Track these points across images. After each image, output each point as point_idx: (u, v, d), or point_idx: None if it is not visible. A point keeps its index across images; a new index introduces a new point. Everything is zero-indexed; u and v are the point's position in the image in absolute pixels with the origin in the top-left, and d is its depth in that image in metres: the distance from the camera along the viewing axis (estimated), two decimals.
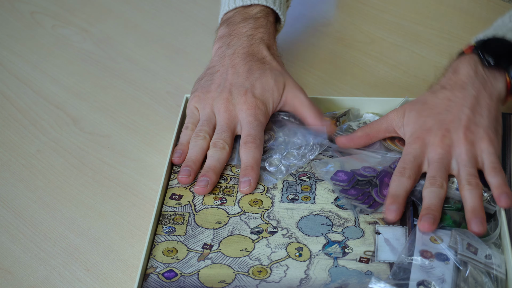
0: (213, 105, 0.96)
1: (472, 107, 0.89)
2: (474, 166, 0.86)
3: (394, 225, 0.85)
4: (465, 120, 0.88)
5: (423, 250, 0.80)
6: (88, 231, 0.93)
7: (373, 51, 1.17)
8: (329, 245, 0.83)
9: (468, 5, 1.24)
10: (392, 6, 1.26)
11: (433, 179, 0.85)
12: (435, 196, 0.84)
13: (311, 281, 0.80)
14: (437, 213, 0.82)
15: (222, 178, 0.92)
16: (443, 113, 0.90)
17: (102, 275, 0.88)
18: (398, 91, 1.09)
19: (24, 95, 1.13)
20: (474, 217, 0.82)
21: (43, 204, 0.97)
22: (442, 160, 0.86)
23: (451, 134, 0.88)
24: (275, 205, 0.88)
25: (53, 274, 0.89)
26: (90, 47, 1.22)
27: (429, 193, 0.84)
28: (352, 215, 0.87)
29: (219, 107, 0.96)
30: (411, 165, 0.87)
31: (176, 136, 0.96)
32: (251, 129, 0.94)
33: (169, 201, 0.89)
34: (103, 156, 1.03)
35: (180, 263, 0.83)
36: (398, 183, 0.86)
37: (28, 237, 0.93)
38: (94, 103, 1.11)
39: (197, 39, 1.22)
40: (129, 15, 1.28)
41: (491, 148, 0.87)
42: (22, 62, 1.19)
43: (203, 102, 0.97)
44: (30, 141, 1.06)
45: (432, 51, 1.16)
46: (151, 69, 1.17)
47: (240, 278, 0.81)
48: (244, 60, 0.98)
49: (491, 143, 0.87)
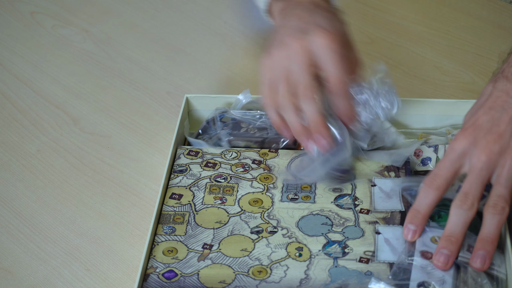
0: (286, 53, 0.88)
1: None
2: (510, 186, 0.79)
3: (394, 224, 0.85)
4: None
5: (424, 250, 0.80)
6: (88, 231, 0.93)
7: (373, 51, 1.17)
8: (329, 245, 0.83)
9: (468, 5, 1.24)
10: (392, 6, 1.26)
11: (465, 198, 0.79)
12: (460, 222, 0.79)
13: (311, 281, 0.80)
14: (456, 247, 0.79)
15: (222, 178, 0.92)
16: (498, 110, 0.82)
17: (102, 275, 0.88)
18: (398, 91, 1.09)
19: (24, 95, 1.13)
20: (481, 248, 0.78)
21: (43, 204, 0.97)
22: (482, 171, 0.80)
23: (503, 140, 0.80)
24: (275, 205, 0.88)
25: (53, 274, 0.89)
26: (90, 47, 1.22)
27: (455, 215, 0.79)
28: (352, 214, 0.86)
29: (291, 48, 0.87)
30: (446, 172, 0.81)
31: (176, 136, 0.96)
32: (336, 70, 0.86)
33: (169, 201, 0.89)
34: (103, 156, 1.03)
35: (180, 263, 0.83)
36: (425, 196, 0.81)
37: (28, 237, 0.93)
38: (94, 103, 1.11)
39: (197, 39, 1.22)
40: (129, 15, 1.28)
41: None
42: (22, 62, 1.19)
43: (270, 58, 0.89)
44: (30, 141, 1.06)
45: (432, 51, 1.16)
46: (151, 69, 1.17)
47: (240, 278, 0.81)
48: (314, 10, 0.90)
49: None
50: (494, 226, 0.79)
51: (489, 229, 0.79)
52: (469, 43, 1.17)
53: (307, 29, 0.88)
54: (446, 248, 0.78)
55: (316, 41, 0.87)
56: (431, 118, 0.99)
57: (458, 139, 0.82)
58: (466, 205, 0.79)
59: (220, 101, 1.01)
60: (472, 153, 0.81)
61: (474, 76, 1.11)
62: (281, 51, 0.89)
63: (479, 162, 0.80)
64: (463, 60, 1.14)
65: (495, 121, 0.81)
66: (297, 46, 0.87)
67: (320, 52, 0.87)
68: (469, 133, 0.81)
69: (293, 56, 0.88)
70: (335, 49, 0.87)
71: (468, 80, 1.11)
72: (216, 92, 1.11)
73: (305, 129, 0.89)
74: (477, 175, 0.80)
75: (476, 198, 0.79)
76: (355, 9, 1.26)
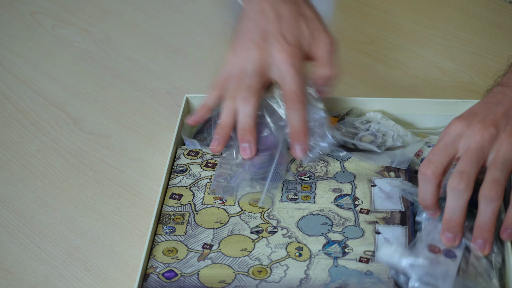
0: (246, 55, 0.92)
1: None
2: (506, 171, 0.78)
3: (394, 224, 0.85)
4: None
5: (432, 244, 0.80)
6: (88, 231, 0.93)
7: (373, 51, 1.17)
8: (329, 245, 0.83)
9: (468, 5, 1.24)
10: (392, 6, 1.26)
11: (460, 176, 0.77)
12: (457, 204, 0.78)
13: (311, 281, 0.80)
14: (457, 228, 0.78)
15: (222, 178, 0.92)
16: (494, 103, 0.82)
17: (102, 275, 0.88)
18: (398, 91, 1.09)
19: (24, 95, 1.13)
20: (479, 237, 0.78)
21: (43, 204, 0.97)
22: (477, 151, 0.78)
23: (498, 126, 0.79)
24: (275, 205, 0.88)
25: (53, 274, 0.89)
26: (90, 47, 1.22)
27: (452, 199, 0.78)
28: (352, 214, 0.87)
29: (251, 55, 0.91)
30: (441, 156, 0.79)
31: (176, 136, 0.96)
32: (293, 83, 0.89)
33: (169, 201, 0.89)
34: (103, 156, 1.03)
35: (180, 263, 0.83)
36: (424, 187, 0.80)
37: (28, 237, 0.93)
38: (94, 103, 1.11)
39: (197, 39, 1.22)
40: (129, 15, 1.28)
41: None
42: (22, 62, 1.19)
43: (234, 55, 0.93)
44: (30, 141, 1.06)
45: (432, 51, 1.16)
46: (151, 69, 1.17)
47: (240, 278, 0.81)
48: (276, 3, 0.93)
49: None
50: (490, 213, 0.77)
51: (485, 217, 0.78)
52: (469, 43, 1.17)
53: (268, 38, 0.91)
54: (449, 231, 0.79)
55: (274, 55, 0.91)
56: (431, 118, 0.99)
57: (453, 124, 0.81)
58: (462, 185, 0.77)
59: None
60: (467, 135, 0.79)
61: (474, 76, 1.11)
62: (243, 52, 0.93)
63: (474, 142, 0.79)
64: (463, 60, 1.14)
65: (491, 110, 0.81)
66: (256, 53, 0.92)
67: (277, 65, 0.91)
68: (464, 119, 0.81)
69: (251, 59, 0.92)
70: (292, 63, 0.90)
71: (468, 80, 1.11)
72: None
73: (226, 129, 0.92)
74: (472, 154, 0.78)
75: (471, 177, 0.77)
76: (355, 9, 1.26)
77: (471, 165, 0.78)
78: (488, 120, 0.80)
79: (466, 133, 0.80)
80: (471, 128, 0.80)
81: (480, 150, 0.78)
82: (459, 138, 0.80)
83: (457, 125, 0.81)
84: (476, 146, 0.78)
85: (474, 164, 0.78)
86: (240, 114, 0.91)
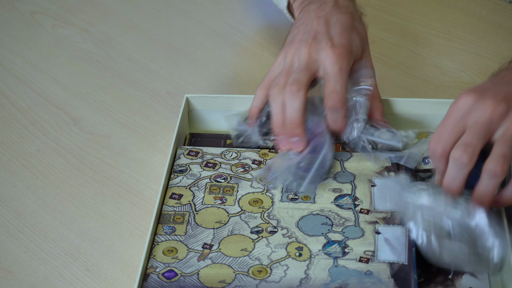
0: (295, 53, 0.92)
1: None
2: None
3: (394, 224, 0.85)
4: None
5: None
6: (88, 231, 0.93)
7: (373, 51, 1.17)
8: (329, 245, 0.83)
9: (468, 5, 1.24)
10: (392, 6, 1.26)
11: (465, 148, 0.77)
12: (457, 177, 0.78)
13: (311, 281, 0.80)
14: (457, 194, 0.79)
15: (222, 178, 0.92)
16: (505, 84, 0.80)
17: (102, 275, 0.88)
18: (398, 91, 1.09)
19: (24, 95, 1.13)
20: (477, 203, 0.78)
21: (43, 204, 0.97)
22: (485, 125, 0.77)
23: (510, 103, 0.77)
24: (275, 205, 0.88)
25: (53, 274, 0.89)
26: (90, 47, 1.22)
27: (454, 169, 0.78)
28: (352, 214, 0.87)
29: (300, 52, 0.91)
30: (450, 133, 0.79)
31: (176, 136, 0.96)
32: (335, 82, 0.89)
33: (169, 201, 0.89)
34: (103, 156, 1.03)
35: (180, 263, 0.83)
36: (435, 163, 0.81)
37: (28, 237, 0.93)
38: (94, 103, 1.11)
39: (197, 39, 1.22)
40: (129, 15, 1.28)
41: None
42: (22, 62, 1.19)
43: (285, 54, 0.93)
44: (30, 141, 1.06)
45: (432, 51, 1.16)
46: (151, 69, 1.17)
47: (240, 278, 0.81)
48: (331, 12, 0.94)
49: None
50: (491, 187, 0.77)
51: (486, 190, 0.77)
52: (469, 43, 1.17)
53: (320, 38, 0.92)
54: None
55: (322, 52, 0.91)
56: (431, 118, 0.99)
57: (462, 98, 0.80)
58: (465, 157, 0.77)
59: (220, 101, 1.01)
60: (476, 109, 0.78)
61: (474, 76, 1.11)
62: (292, 50, 0.93)
63: (484, 116, 0.77)
64: (463, 60, 1.14)
65: (503, 87, 0.79)
66: (305, 51, 0.91)
67: (323, 61, 0.91)
68: (474, 93, 0.79)
69: (300, 57, 0.92)
70: (337, 62, 0.90)
71: (468, 80, 1.11)
72: (216, 92, 1.11)
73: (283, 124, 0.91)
74: (480, 127, 0.77)
75: (476, 150, 0.77)
76: None
77: (477, 139, 0.77)
78: (500, 95, 0.78)
79: (476, 106, 0.78)
80: (482, 101, 0.78)
81: (489, 124, 0.77)
82: (468, 114, 0.79)
83: (466, 99, 0.79)
84: (486, 120, 0.77)
85: (481, 138, 0.77)
86: (288, 109, 0.90)
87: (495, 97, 0.78)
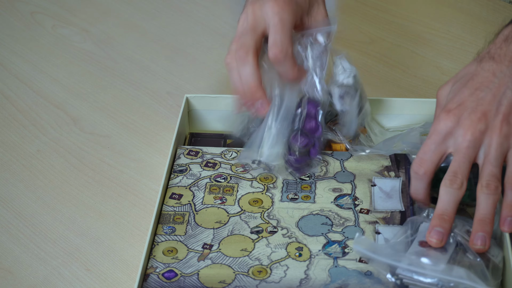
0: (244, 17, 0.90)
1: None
2: (499, 165, 0.79)
3: (394, 224, 0.85)
4: (505, 107, 0.79)
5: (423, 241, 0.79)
6: (88, 231, 0.93)
7: (373, 51, 1.17)
8: (329, 245, 0.83)
9: (468, 5, 1.24)
10: (392, 6, 1.26)
11: (454, 177, 0.79)
12: (451, 200, 0.79)
13: (311, 281, 0.80)
14: (448, 224, 0.79)
15: (222, 178, 0.92)
16: (483, 90, 0.81)
17: (102, 275, 0.88)
18: (398, 91, 1.09)
19: (24, 95, 1.13)
20: (479, 230, 0.78)
21: (43, 204, 0.97)
22: (469, 149, 0.79)
23: (487, 119, 0.79)
24: (275, 205, 0.88)
25: (53, 274, 0.89)
26: (90, 47, 1.22)
27: (445, 194, 0.79)
28: (352, 214, 0.87)
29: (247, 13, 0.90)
30: (432, 155, 0.81)
31: (176, 136, 0.96)
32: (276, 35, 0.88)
33: (169, 201, 0.89)
34: (103, 156, 1.03)
35: (180, 263, 0.83)
36: (416, 184, 0.82)
37: (28, 237, 0.93)
38: (94, 103, 1.11)
39: (197, 39, 1.22)
40: (129, 15, 1.28)
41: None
42: (22, 62, 1.19)
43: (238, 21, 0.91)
44: (30, 141, 1.06)
45: (432, 51, 1.16)
46: (151, 69, 1.17)
47: (240, 278, 0.81)
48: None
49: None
50: (490, 206, 0.78)
51: (486, 210, 0.78)
52: (469, 43, 1.17)
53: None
54: (439, 226, 0.79)
55: (265, 9, 0.89)
56: (431, 118, 0.99)
57: (442, 120, 0.81)
58: (456, 184, 0.79)
59: (220, 101, 1.01)
60: (457, 133, 0.80)
61: None
62: (243, 14, 0.91)
63: (465, 141, 0.79)
64: (463, 60, 1.14)
65: (480, 101, 0.80)
66: (251, 10, 0.90)
67: (267, 16, 0.89)
68: (454, 114, 0.81)
69: (247, 18, 0.90)
70: (280, 16, 0.88)
71: None
72: (216, 92, 1.11)
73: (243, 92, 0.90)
74: (464, 154, 0.80)
75: (464, 176, 0.79)
76: (355, 9, 1.26)
77: (464, 165, 0.80)
78: (477, 113, 0.80)
79: (456, 131, 0.80)
80: (460, 125, 0.80)
81: (471, 148, 0.80)
82: (449, 136, 0.81)
83: (445, 121, 0.81)
84: (468, 145, 0.80)
85: (467, 163, 0.80)
86: (242, 75, 0.89)
87: (472, 117, 0.80)
